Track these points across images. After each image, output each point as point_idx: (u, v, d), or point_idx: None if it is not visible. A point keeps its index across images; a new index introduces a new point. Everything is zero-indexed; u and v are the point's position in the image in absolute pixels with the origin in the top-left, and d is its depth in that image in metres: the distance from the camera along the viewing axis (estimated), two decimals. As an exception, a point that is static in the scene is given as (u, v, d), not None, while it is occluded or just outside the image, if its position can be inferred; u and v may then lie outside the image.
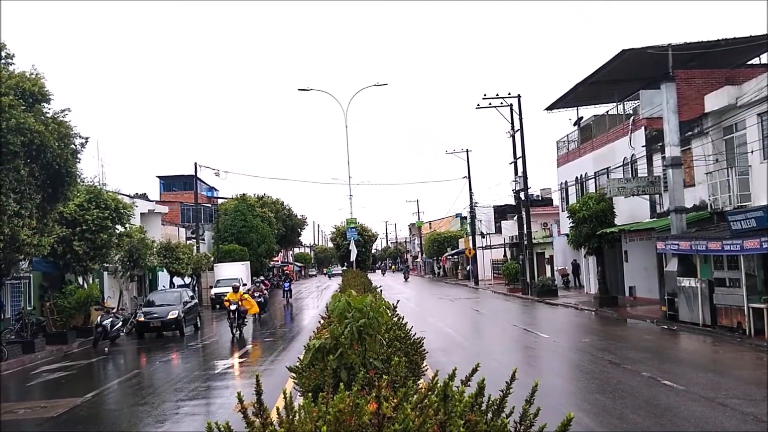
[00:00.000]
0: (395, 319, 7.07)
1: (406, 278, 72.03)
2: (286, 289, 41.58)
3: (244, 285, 36.24)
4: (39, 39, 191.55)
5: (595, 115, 35.43)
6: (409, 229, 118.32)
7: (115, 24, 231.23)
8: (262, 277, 48.19)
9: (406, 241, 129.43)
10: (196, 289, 41.99)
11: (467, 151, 56.18)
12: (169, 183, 62.79)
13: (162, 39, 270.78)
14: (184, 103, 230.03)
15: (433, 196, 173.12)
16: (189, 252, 37.44)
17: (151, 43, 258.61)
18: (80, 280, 25.88)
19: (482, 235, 57.40)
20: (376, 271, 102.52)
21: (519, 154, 39.64)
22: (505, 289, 43.58)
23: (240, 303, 23.50)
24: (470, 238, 56.68)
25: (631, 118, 29.28)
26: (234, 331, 23.12)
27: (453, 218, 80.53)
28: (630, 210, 28.90)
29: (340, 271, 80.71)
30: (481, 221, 57.90)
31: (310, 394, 3.28)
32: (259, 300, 29.74)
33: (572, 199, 35.14)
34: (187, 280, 39.73)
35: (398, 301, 8.83)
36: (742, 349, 16.14)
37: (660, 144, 25.01)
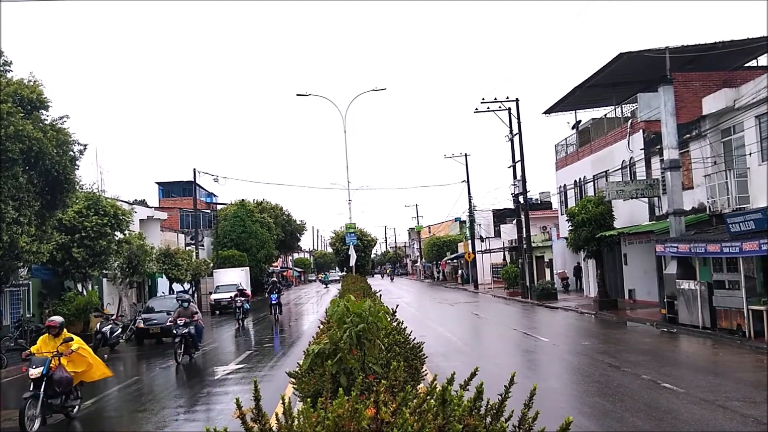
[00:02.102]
0: (394, 323, 7.08)
1: (391, 279, 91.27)
2: (273, 302, 31.60)
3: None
4: (37, 46, 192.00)
5: (593, 119, 35.49)
6: (409, 233, 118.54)
7: (114, 31, 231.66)
8: (240, 285, 37.56)
9: (405, 246, 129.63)
10: (196, 295, 41.96)
11: (466, 155, 56.31)
12: (168, 189, 62.79)
13: (161, 45, 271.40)
14: (182, 109, 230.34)
15: (432, 201, 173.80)
16: (188, 258, 37.42)
17: (150, 50, 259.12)
18: (79, 286, 25.87)
19: (481, 239, 57.46)
20: (375, 275, 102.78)
21: (518, 157, 39.71)
22: (504, 293, 43.57)
23: (54, 363, 11.19)
24: (469, 242, 56.71)
25: (629, 121, 29.33)
26: (29, 424, 10.56)
27: (452, 222, 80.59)
28: (629, 213, 28.92)
29: (338, 277, 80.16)
30: (480, 225, 57.97)
31: (309, 399, 3.27)
32: (184, 332, 18.18)
33: (571, 203, 35.19)
34: (186, 286, 39.70)
35: (397, 305, 8.83)
36: (742, 351, 16.14)
37: (658, 147, 25.04)
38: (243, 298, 30.86)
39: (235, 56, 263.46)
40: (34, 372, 11.09)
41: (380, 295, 13.16)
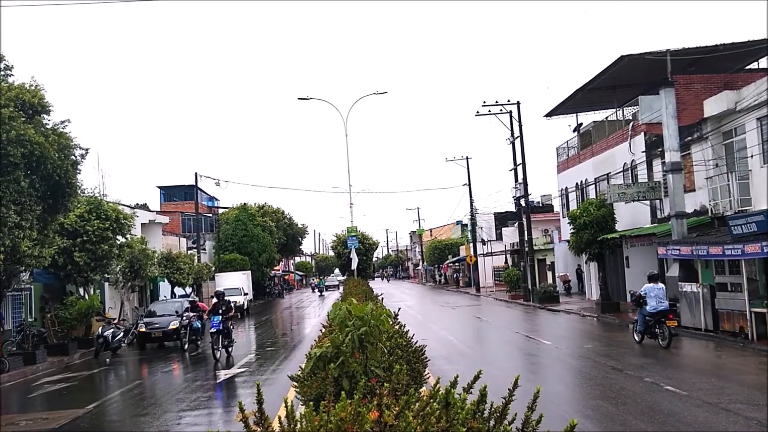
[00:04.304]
0: (397, 327, 7.07)
1: (388, 280, 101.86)
2: (216, 328, 18.93)
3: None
4: (38, 50, 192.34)
5: (594, 122, 35.49)
6: (410, 236, 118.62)
7: (115, 35, 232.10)
8: (191, 295, 31.19)
9: (407, 249, 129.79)
10: (197, 299, 41.94)
11: (467, 158, 56.39)
12: (169, 193, 62.87)
13: (162, 49, 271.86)
14: (184, 113, 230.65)
15: (433, 204, 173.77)
16: (190, 262, 37.41)
17: (151, 54, 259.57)
18: (81, 291, 25.87)
19: (483, 242, 57.42)
20: (376, 278, 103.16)
21: (519, 160, 39.69)
22: (506, 296, 43.51)
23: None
24: (471, 245, 56.68)
25: (631, 123, 29.32)
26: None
27: (454, 225, 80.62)
28: (631, 215, 28.90)
29: (337, 282, 78.75)
30: (481, 228, 57.96)
31: (311, 402, 3.27)
32: None
33: (573, 206, 35.13)
34: (188, 290, 39.69)
35: (399, 309, 8.83)
36: (745, 353, 16.11)
37: (660, 149, 25.03)
38: (192, 314, 22.95)
39: (236, 60, 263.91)
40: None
41: (382, 299, 13.15)
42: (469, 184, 56.60)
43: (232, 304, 21.28)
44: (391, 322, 6.43)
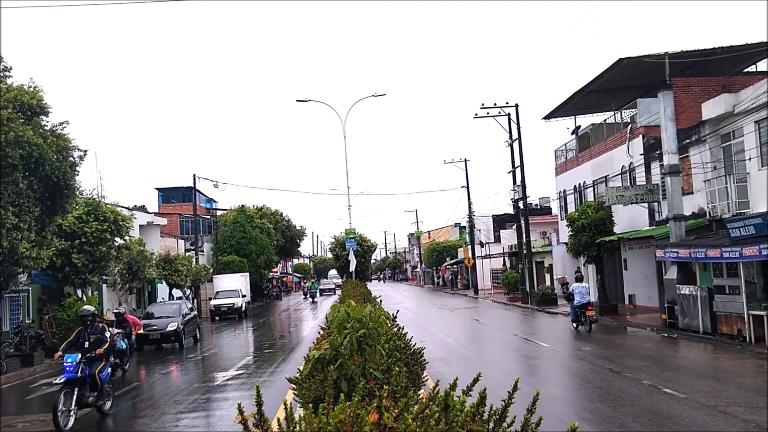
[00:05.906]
0: (395, 329, 7.06)
1: (384, 281, 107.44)
2: (67, 377, 11.66)
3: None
4: (37, 52, 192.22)
5: (592, 124, 35.52)
6: (408, 239, 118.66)
7: (114, 37, 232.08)
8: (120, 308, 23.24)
9: (405, 251, 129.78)
10: (195, 300, 41.86)
11: (465, 160, 56.38)
12: (167, 195, 62.80)
13: (161, 51, 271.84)
14: (182, 115, 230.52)
15: (432, 206, 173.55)
16: (188, 264, 37.40)
17: (150, 55, 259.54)
18: (79, 292, 25.84)
19: (481, 245, 57.41)
20: (373, 280, 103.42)
21: (517, 163, 39.71)
22: (504, 298, 43.50)
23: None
24: (469, 247, 56.68)
25: (629, 126, 29.35)
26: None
27: (452, 228, 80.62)
28: (629, 218, 28.92)
29: (333, 286, 76.80)
30: (480, 231, 57.94)
31: (310, 405, 3.26)
32: None
33: (571, 208, 35.19)
34: (186, 292, 39.63)
35: (398, 311, 8.82)
36: (743, 356, 16.12)
37: (658, 152, 25.06)
38: (117, 331, 17.39)
39: (235, 61, 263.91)
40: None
41: (380, 301, 13.14)
42: (468, 187, 56.67)
43: (109, 334, 12.97)
44: (389, 325, 6.43)
